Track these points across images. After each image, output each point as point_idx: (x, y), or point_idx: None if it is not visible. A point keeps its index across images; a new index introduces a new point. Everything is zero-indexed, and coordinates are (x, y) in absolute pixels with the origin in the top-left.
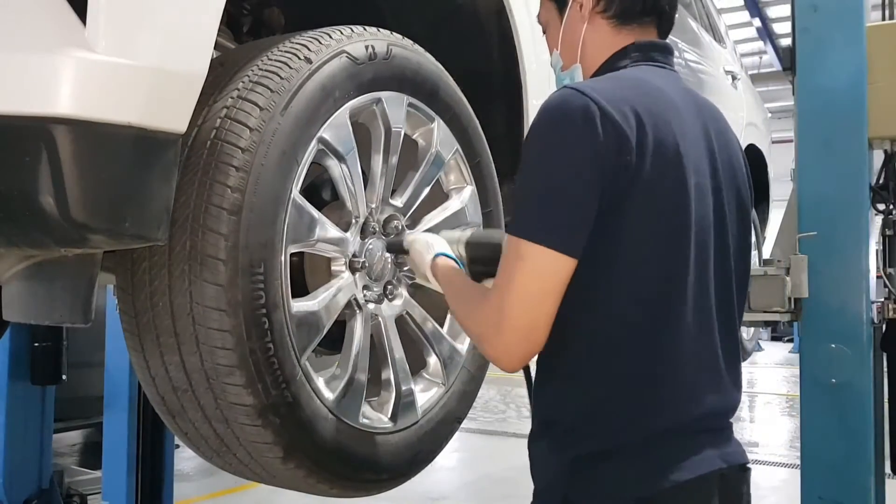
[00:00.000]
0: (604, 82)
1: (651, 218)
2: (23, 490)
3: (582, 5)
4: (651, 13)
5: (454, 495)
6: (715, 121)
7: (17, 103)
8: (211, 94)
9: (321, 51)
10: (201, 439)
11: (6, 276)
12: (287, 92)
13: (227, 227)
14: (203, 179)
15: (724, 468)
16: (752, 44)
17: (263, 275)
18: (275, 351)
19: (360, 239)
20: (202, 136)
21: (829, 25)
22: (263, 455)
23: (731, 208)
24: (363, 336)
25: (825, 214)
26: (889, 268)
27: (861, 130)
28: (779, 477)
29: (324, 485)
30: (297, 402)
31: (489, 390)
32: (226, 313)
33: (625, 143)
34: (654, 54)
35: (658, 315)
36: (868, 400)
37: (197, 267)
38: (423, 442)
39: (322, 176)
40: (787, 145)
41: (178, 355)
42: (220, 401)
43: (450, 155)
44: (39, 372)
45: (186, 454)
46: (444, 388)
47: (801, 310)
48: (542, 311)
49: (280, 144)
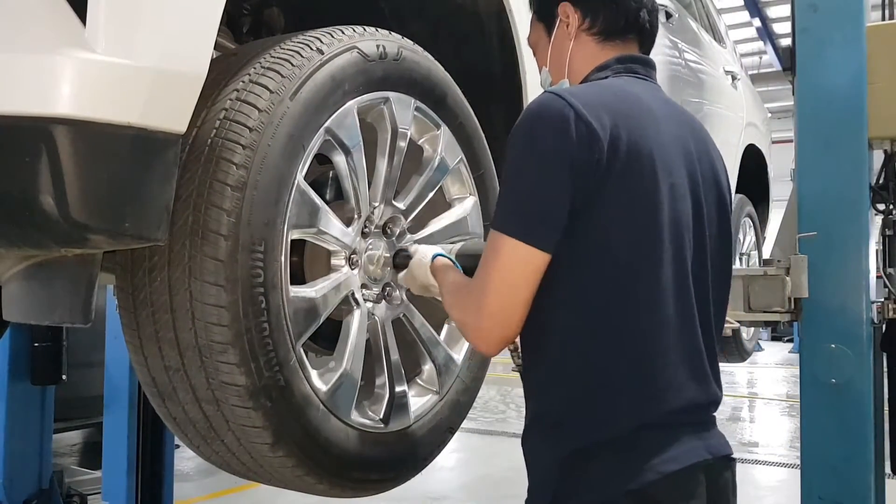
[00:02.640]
0: (583, 88)
1: (623, 214)
2: (23, 490)
3: (569, 24)
4: (633, 30)
5: (454, 495)
6: (695, 131)
7: (18, 103)
8: (222, 79)
9: (333, 44)
10: (189, 424)
11: (6, 276)
12: (297, 78)
13: (231, 203)
14: (210, 156)
15: (709, 459)
16: (752, 44)
17: (263, 253)
18: (270, 332)
19: (361, 238)
20: (211, 116)
21: (829, 25)
22: (252, 440)
23: (710, 212)
24: (359, 332)
25: (825, 214)
26: (889, 268)
27: (861, 130)
28: (779, 477)
29: (311, 478)
30: (289, 387)
31: (489, 390)
32: (223, 289)
33: (596, 143)
34: (636, 66)
35: (635, 308)
36: (868, 400)
37: (198, 241)
38: (415, 447)
39: (327, 174)
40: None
41: (173, 331)
42: (212, 380)
43: (454, 163)
44: (39, 372)
45: (186, 454)
46: (438, 395)
47: (801, 310)
48: (515, 300)
49: (288, 127)
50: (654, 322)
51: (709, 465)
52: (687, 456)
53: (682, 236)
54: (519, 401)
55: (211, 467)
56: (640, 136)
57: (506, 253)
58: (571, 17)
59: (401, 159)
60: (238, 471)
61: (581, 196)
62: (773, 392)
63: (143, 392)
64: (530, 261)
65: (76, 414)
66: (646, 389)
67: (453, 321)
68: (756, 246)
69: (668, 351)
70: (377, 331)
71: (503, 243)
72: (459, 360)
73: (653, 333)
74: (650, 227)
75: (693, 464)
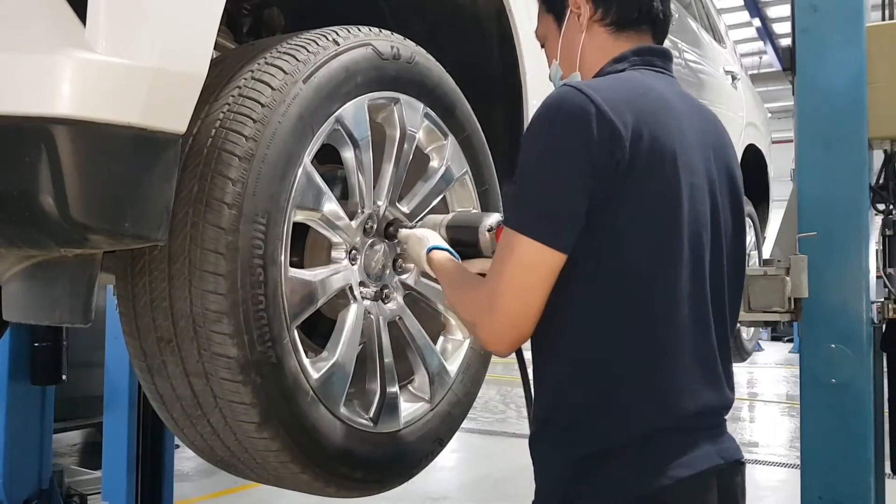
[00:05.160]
0: (602, 82)
1: (643, 214)
2: (23, 490)
3: (580, 15)
4: (646, 20)
5: (454, 495)
6: (712, 125)
7: (18, 103)
8: (238, 62)
9: (350, 38)
10: (176, 401)
11: (6, 276)
12: (312, 64)
13: (237, 173)
14: (220, 129)
15: (721, 464)
16: (752, 44)
17: (266, 226)
18: (266, 306)
19: (363, 234)
20: (225, 92)
21: (829, 25)
22: (239, 419)
23: (726, 211)
24: (354, 326)
25: (825, 214)
26: (889, 268)
27: (861, 130)
28: (779, 477)
29: (295, 466)
30: (280, 365)
31: (489, 390)
32: (223, 256)
33: (618, 141)
34: (653, 59)
35: (652, 310)
36: (868, 400)
37: (201, 209)
38: (402, 453)
39: (334, 173)
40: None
41: (168, 300)
42: (204, 351)
43: (459, 174)
44: (39, 372)
45: (186, 454)
46: (430, 405)
47: (801, 310)
48: (530, 300)
49: (299, 108)
50: (671, 324)
51: (721, 471)
52: (700, 461)
53: (700, 237)
54: (519, 401)
55: (211, 467)
56: (662, 134)
57: (521, 252)
58: (583, 8)
59: (407, 162)
60: (222, 457)
61: (600, 195)
62: (773, 392)
63: (143, 392)
64: (547, 261)
65: (76, 414)
66: (660, 393)
67: (460, 319)
68: (756, 246)
69: (684, 354)
70: (372, 330)
71: (518, 242)
72: (453, 373)
73: (669, 336)
74: (670, 228)
75: (706, 469)
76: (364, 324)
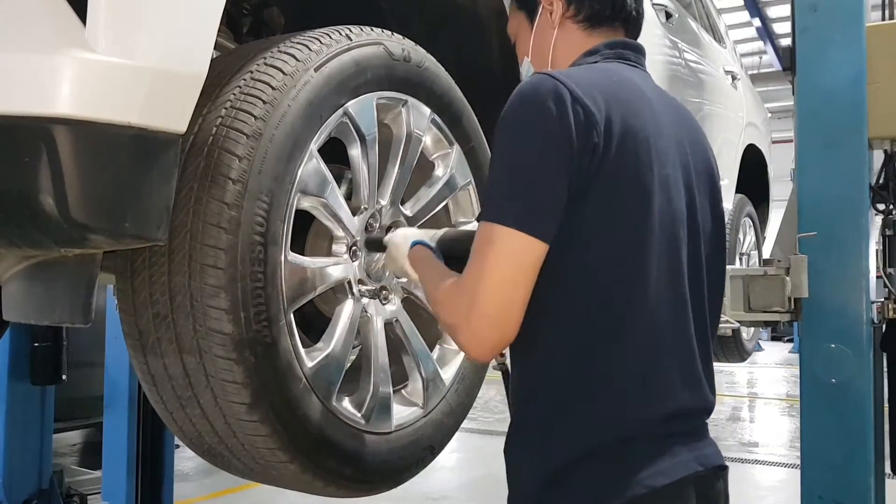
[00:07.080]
0: (576, 70)
1: (614, 204)
2: (23, 490)
3: (552, 12)
4: (619, 18)
5: (454, 495)
6: (688, 122)
7: (17, 103)
8: (251, 50)
9: (362, 35)
10: (167, 381)
11: (6, 276)
12: (324, 55)
13: (244, 150)
14: (230, 110)
15: (700, 471)
16: (752, 44)
17: (269, 206)
18: (264, 285)
19: (365, 231)
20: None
21: (829, 25)
22: (230, 399)
23: (704, 208)
24: (350, 320)
25: (825, 214)
26: (889, 268)
27: (861, 130)
28: (779, 477)
29: (284, 454)
30: (275, 346)
31: (489, 390)
32: (224, 231)
33: (593, 127)
34: (626, 52)
35: (627, 307)
36: (868, 400)
37: (206, 184)
38: (392, 455)
39: (340, 172)
40: (787, 145)
41: (167, 274)
42: (199, 327)
43: (463, 183)
44: (39, 372)
45: (186, 454)
46: (423, 411)
47: (801, 310)
48: (513, 296)
49: (309, 94)
50: (647, 321)
51: (700, 477)
52: (676, 469)
53: (676, 230)
54: None
55: (211, 467)
56: (635, 121)
57: (502, 244)
58: (555, 5)
59: (412, 164)
60: (210, 444)
61: (576, 182)
62: (773, 392)
63: (143, 392)
64: (530, 252)
65: (76, 414)
66: (636, 395)
67: (440, 322)
68: (756, 246)
69: (661, 354)
70: (369, 328)
71: (497, 233)
72: (448, 381)
73: (645, 333)
74: (641, 218)
75: (683, 477)
76: (360, 322)
